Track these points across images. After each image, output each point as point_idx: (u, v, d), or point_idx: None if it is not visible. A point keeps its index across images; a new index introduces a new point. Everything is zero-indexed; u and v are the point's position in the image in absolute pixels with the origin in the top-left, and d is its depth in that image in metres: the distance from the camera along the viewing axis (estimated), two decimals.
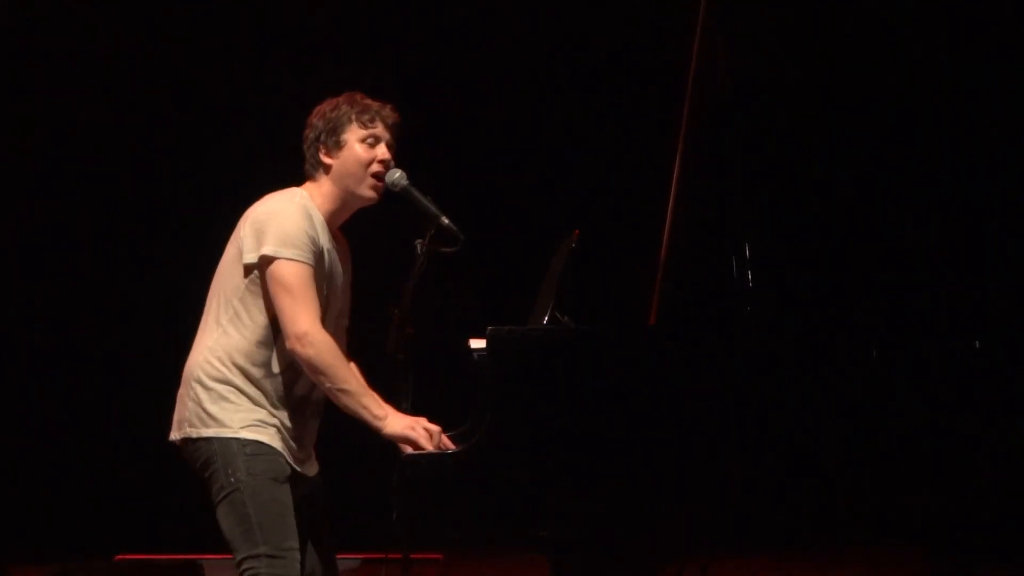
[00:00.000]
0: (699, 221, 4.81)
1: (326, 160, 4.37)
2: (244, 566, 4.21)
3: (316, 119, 4.41)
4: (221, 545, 4.28)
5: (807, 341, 4.25)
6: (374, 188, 4.38)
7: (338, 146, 4.37)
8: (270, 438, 4.25)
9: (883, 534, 4.33)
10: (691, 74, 4.74)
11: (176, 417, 4.34)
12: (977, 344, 4.26)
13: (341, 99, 4.42)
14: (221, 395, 4.25)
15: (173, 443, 4.35)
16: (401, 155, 4.43)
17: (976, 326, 4.33)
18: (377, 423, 4.21)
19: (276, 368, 4.27)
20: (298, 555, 4.23)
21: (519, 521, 4.10)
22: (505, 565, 7.35)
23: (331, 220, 4.37)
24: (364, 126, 4.38)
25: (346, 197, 4.39)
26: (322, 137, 4.38)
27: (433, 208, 4.37)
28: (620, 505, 4.08)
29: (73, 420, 8.48)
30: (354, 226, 4.59)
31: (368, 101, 4.42)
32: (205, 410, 4.25)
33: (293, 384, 4.30)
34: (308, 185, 4.41)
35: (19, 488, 8.27)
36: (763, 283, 4.45)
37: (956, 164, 8.28)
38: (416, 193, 4.40)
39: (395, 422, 4.20)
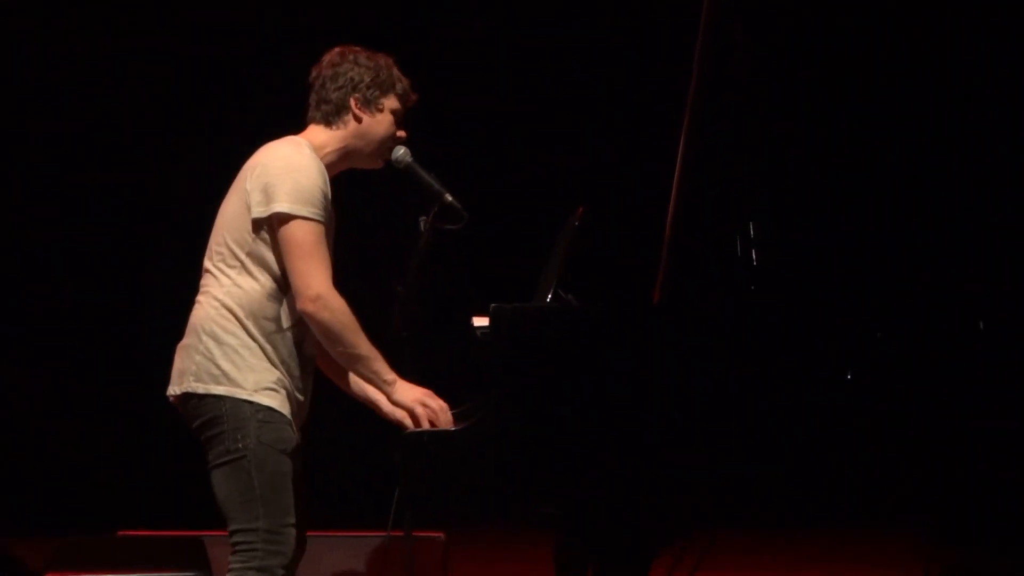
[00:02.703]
0: (704, 199, 4.79)
1: (357, 112, 4.28)
2: (239, 538, 4.13)
3: (356, 66, 4.29)
4: (223, 521, 4.24)
5: (811, 321, 4.24)
6: (384, 159, 4.36)
7: (377, 108, 4.29)
8: (281, 404, 4.17)
9: (887, 518, 4.33)
10: (698, 51, 4.72)
11: (177, 369, 4.22)
12: (981, 325, 4.25)
13: (381, 60, 4.32)
14: (235, 350, 4.15)
15: (170, 398, 4.23)
16: (406, 130, 4.41)
17: (981, 308, 4.31)
18: (386, 388, 4.18)
19: (286, 323, 4.20)
20: (294, 531, 4.16)
21: (522, 498, 4.09)
22: (507, 544, 7.34)
23: (328, 170, 4.27)
24: (401, 102, 4.33)
25: (353, 154, 4.32)
26: (362, 88, 4.27)
27: (437, 186, 4.34)
28: (624, 483, 4.07)
29: (75, 395, 8.48)
30: (357, 204, 4.57)
31: (404, 77, 4.34)
32: (218, 366, 4.15)
33: (302, 341, 4.24)
34: (316, 129, 4.31)
35: (22, 464, 8.29)
36: (768, 262, 4.43)
37: (967, 146, 8.27)
38: (420, 170, 4.37)
39: (403, 391, 4.17)
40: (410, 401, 4.17)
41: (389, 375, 4.19)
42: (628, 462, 4.05)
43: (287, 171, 4.16)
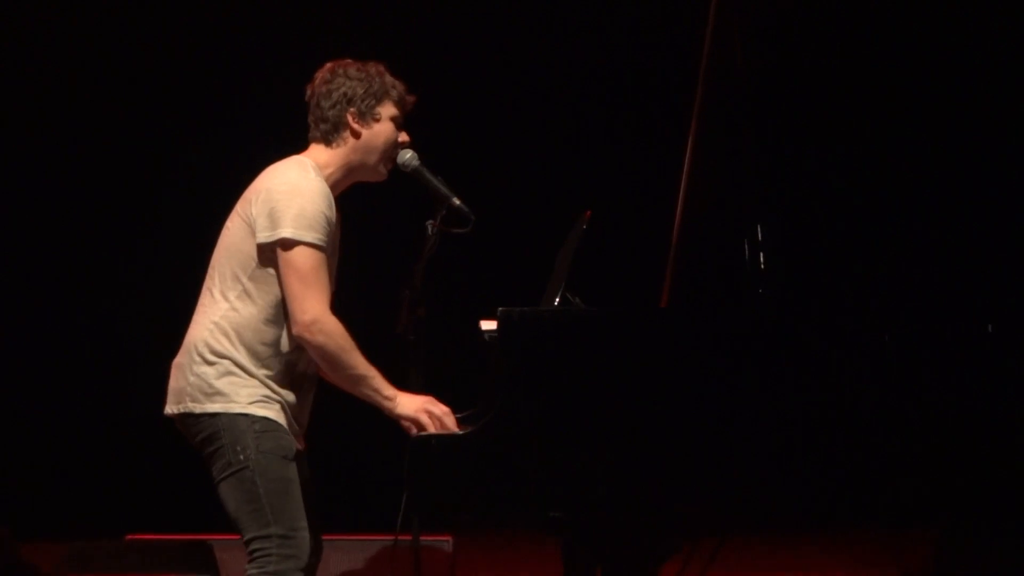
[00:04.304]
0: (711, 203, 4.79)
1: (355, 126, 4.29)
2: (254, 546, 4.18)
3: (347, 80, 4.29)
4: (230, 525, 4.26)
5: (819, 324, 4.23)
6: (388, 168, 4.36)
7: (373, 118, 4.30)
8: (276, 414, 4.21)
9: (894, 519, 4.32)
10: (704, 55, 4.72)
11: (174, 388, 4.26)
12: (989, 328, 4.24)
13: (372, 69, 4.32)
14: (227, 370, 4.19)
15: (169, 416, 4.27)
16: (412, 135, 4.41)
17: (989, 310, 4.30)
18: (388, 404, 4.19)
19: (285, 347, 4.23)
20: (307, 534, 4.20)
21: (530, 503, 4.09)
22: (514, 548, 7.34)
23: (334, 188, 4.29)
24: (399, 107, 4.33)
25: (358, 169, 4.33)
26: (356, 101, 4.28)
27: (444, 189, 4.35)
28: (631, 487, 4.07)
29: (83, 399, 8.49)
30: (366, 207, 4.57)
31: (398, 81, 4.35)
32: (210, 384, 4.19)
33: (299, 362, 4.26)
34: (318, 149, 4.32)
35: (30, 467, 8.29)
36: (775, 266, 4.43)
37: (972, 147, 8.26)
38: (427, 174, 4.37)
39: (405, 403, 4.18)
40: (412, 412, 4.17)
41: (389, 391, 4.19)
42: (636, 466, 4.05)
43: (292, 196, 4.16)
